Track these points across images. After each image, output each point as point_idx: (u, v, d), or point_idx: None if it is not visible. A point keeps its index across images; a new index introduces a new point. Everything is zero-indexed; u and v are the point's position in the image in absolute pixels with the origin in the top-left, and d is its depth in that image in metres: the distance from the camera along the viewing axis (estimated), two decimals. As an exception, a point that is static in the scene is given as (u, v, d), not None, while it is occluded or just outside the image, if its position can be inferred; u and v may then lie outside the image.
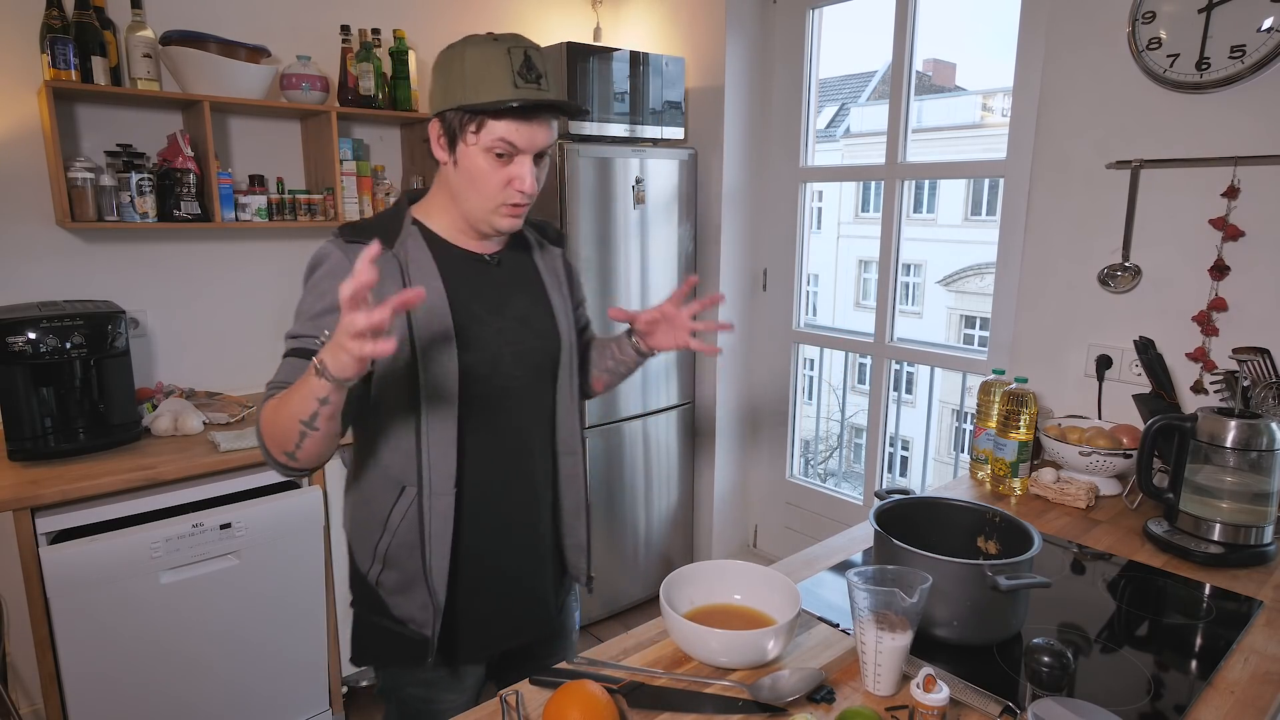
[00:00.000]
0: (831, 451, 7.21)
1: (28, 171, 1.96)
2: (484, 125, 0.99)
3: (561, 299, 1.18)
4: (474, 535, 1.09)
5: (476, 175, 1.01)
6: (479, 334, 1.06)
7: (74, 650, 1.63)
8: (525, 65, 0.98)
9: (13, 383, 1.69)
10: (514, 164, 1.01)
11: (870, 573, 0.93)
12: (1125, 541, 1.38)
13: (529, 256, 1.18)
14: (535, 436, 1.15)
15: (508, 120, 0.98)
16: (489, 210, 1.04)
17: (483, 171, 1.01)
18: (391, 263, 1.02)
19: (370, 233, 1.02)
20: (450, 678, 1.14)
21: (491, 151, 1.00)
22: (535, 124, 1.00)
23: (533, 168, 1.03)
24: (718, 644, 0.94)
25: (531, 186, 1.02)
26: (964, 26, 11.71)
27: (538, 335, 1.13)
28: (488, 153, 1.00)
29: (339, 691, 2.10)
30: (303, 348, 0.99)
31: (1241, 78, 1.58)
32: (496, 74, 0.97)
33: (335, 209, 2.27)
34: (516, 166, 1.01)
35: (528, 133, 1.00)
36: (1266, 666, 0.99)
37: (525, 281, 1.15)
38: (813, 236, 2.84)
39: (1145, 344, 1.66)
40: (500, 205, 1.03)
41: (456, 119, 1.00)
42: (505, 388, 1.09)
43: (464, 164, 1.02)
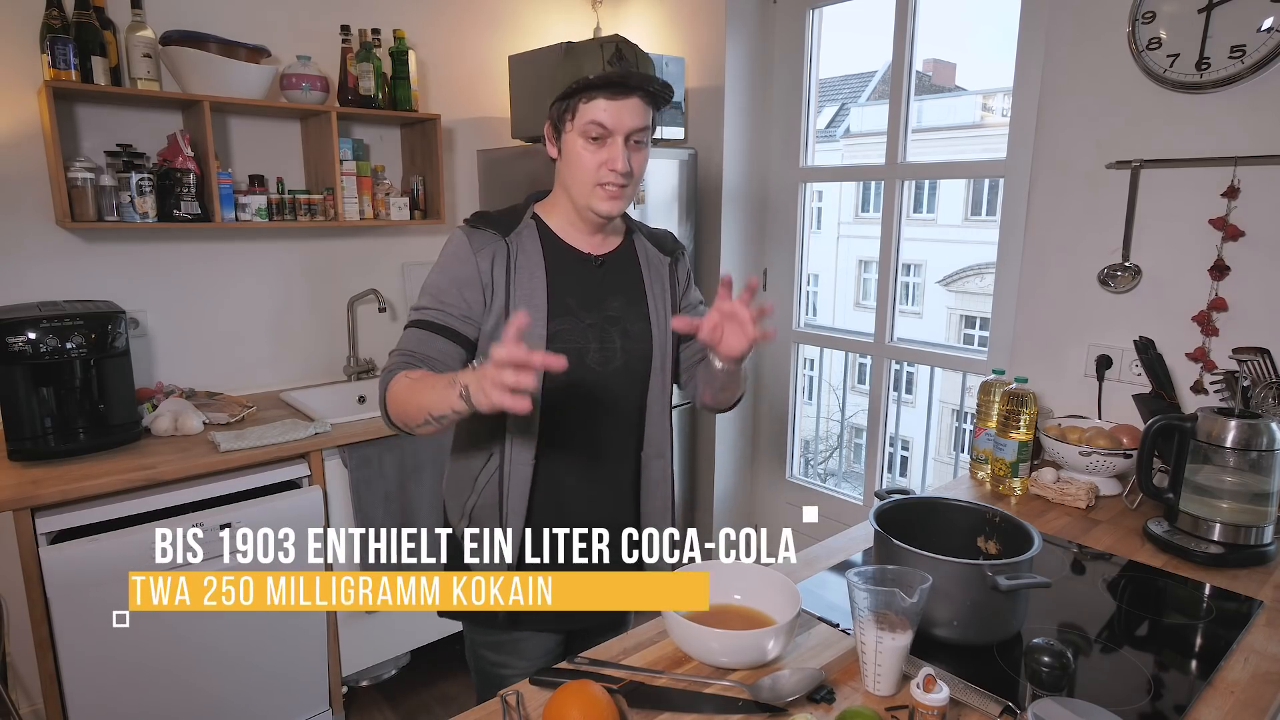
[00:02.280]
0: (831, 451, 7.21)
1: (28, 171, 1.96)
2: (575, 110, 1.07)
3: (662, 304, 1.22)
4: (548, 511, 1.17)
5: (574, 160, 1.10)
6: (569, 324, 1.14)
7: (74, 650, 1.63)
8: (616, 54, 1.06)
9: (13, 383, 1.68)
10: (607, 146, 1.08)
11: (870, 573, 0.93)
12: (1125, 541, 1.38)
13: (635, 260, 1.23)
14: (619, 432, 1.21)
15: (593, 100, 1.06)
16: (588, 193, 1.11)
17: (579, 155, 1.09)
18: (503, 248, 1.13)
19: (493, 222, 1.15)
20: (518, 644, 1.20)
21: (585, 135, 1.08)
22: (622, 104, 1.06)
23: (624, 150, 1.08)
24: (718, 644, 0.94)
25: (623, 165, 1.08)
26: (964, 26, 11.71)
27: (628, 336, 1.18)
28: (582, 137, 1.08)
29: (339, 691, 2.10)
30: (425, 320, 1.11)
31: (1241, 78, 1.57)
32: (589, 63, 1.05)
33: (335, 209, 2.27)
34: (608, 148, 1.08)
35: (615, 112, 1.06)
36: (1266, 666, 0.99)
37: (626, 284, 1.21)
38: (813, 236, 2.84)
39: (1145, 344, 1.66)
40: (596, 186, 1.10)
41: (556, 110, 1.10)
42: (589, 380, 1.15)
43: (565, 152, 1.11)
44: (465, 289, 1.11)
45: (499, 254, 1.13)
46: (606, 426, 1.19)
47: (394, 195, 2.44)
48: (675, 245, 1.30)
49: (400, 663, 2.32)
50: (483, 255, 1.12)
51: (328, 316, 2.52)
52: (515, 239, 1.15)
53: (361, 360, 2.56)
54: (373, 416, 2.10)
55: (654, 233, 1.30)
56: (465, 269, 1.12)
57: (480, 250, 1.12)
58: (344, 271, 2.52)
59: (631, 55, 1.07)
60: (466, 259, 1.12)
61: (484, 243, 1.13)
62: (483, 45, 2.72)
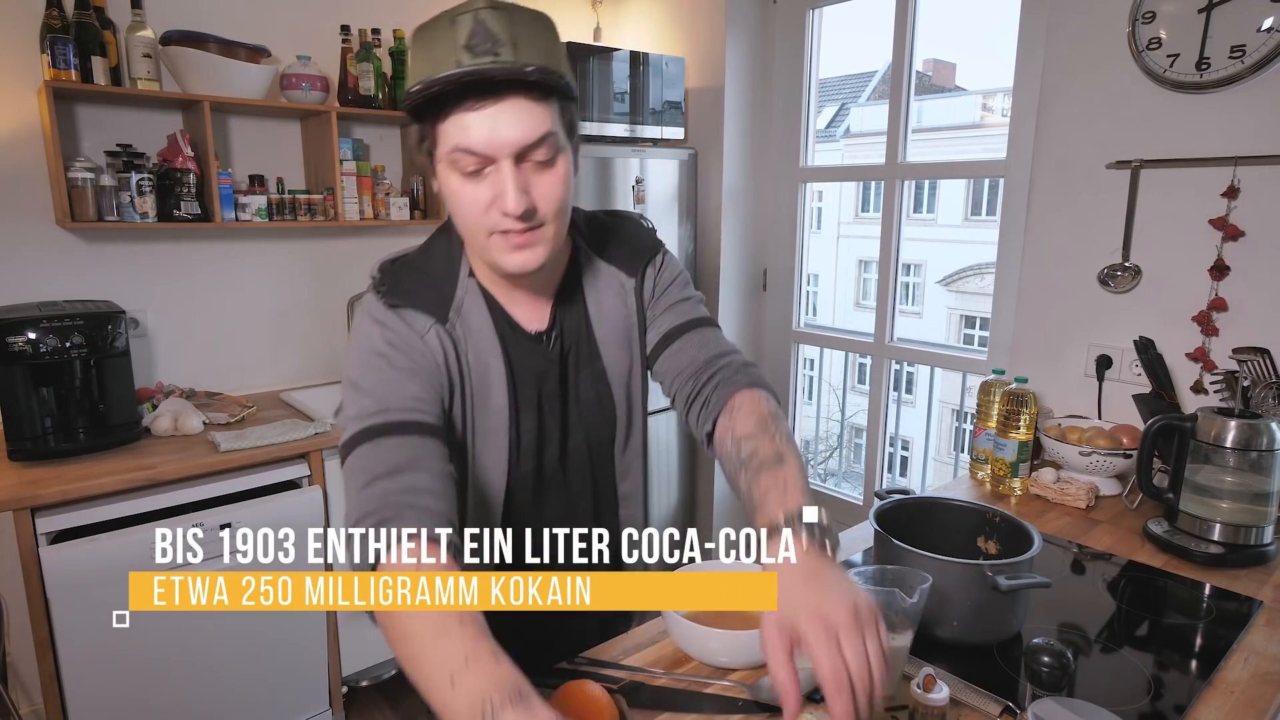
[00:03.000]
0: (831, 451, 7.21)
1: (28, 171, 1.96)
2: (436, 132, 0.75)
3: (627, 356, 0.96)
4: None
5: (451, 202, 0.78)
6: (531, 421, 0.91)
7: (74, 650, 1.63)
8: (472, 34, 0.69)
9: (13, 383, 1.68)
10: (487, 178, 0.75)
11: (870, 573, 0.93)
12: (1125, 541, 1.38)
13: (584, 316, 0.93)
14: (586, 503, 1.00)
15: (452, 116, 0.72)
16: (484, 246, 0.79)
17: (455, 195, 0.77)
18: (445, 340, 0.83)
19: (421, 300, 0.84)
20: None
21: (456, 168, 0.75)
22: (496, 112, 0.71)
23: (516, 178, 0.74)
24: (718, 644, 0.94)
25: (516, 204, 0.74)
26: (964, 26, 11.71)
27: (593, 424, 0.96)
28: (454, 170, 0.75)
29: (339, 691, 2.10)
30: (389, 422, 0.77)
31: (1241, 78, 1.57)
32: (435, 56, 0.70)
33: (335, 209, 2.27)
34: (491, 180, 0.74)
35: (487, 127, 0.71)
36: (1266, 666, 0.99)
37: (585, 356, 0.93)
38: (813, 236, 2.85)
39: (1145, 344, 1.66)
40: (490, 236, 0.77)
41: (413, 132, 0.78)
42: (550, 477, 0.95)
43: (444, 188, 0.78)
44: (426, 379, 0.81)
45: (446, 343, 0.83)
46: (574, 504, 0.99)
47: (394, 195, 2.44)
48: (642, 253, 0.96)
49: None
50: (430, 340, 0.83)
51: (328, 316, 2.51)
52: (457, 318, 0.84)
53: (361, 360, 2.56)
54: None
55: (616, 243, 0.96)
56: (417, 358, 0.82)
57: (425, 334, 0.83)
58: (344, 271, 2.52)
59: (503, 28, 0.70)
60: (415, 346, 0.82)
61: (423, 326, 0.83)
62: (483, 45, 2.72)
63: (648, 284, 0.97)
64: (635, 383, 0.98)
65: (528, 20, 0.72)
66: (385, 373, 0.79)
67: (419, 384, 0.80)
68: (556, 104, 0.76)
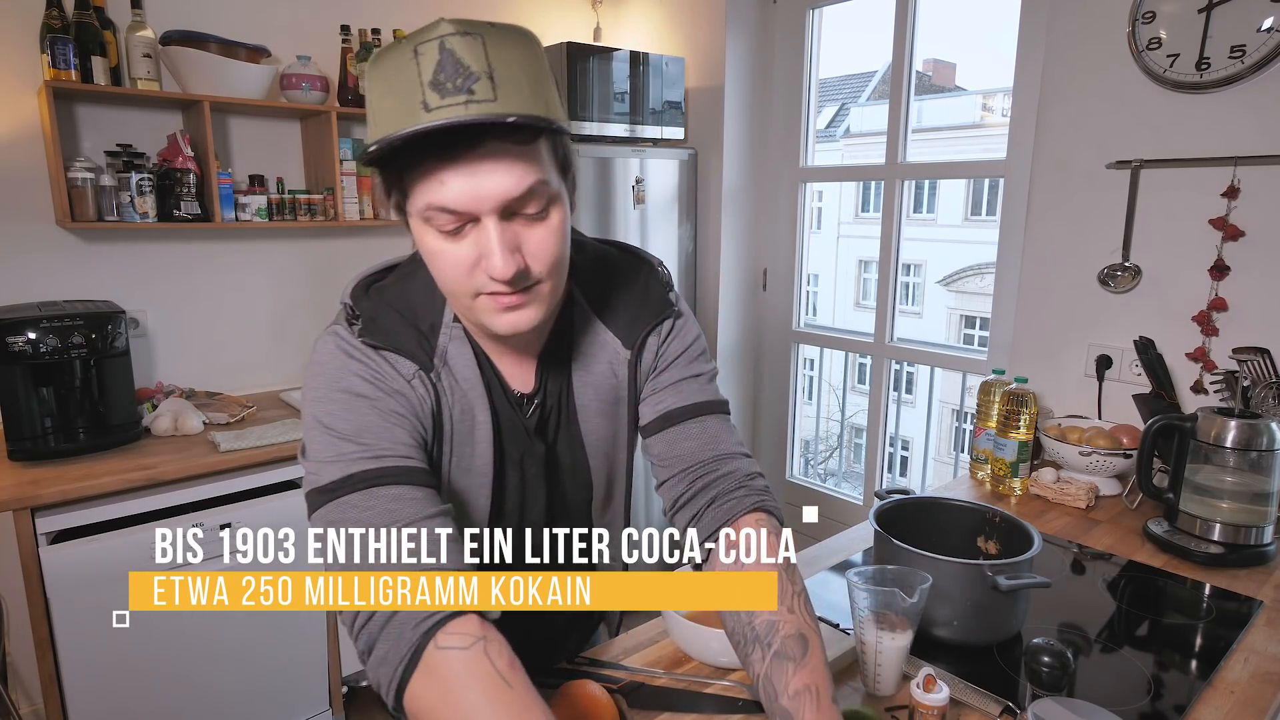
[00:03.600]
0: (831, 451, 7.21)
1: (28, 171, 1.96)
2: (407, 186, 0.64)
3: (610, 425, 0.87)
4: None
5: (432, 263, 0.69)
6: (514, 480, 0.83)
7: (74, 650, 1.63)
8: (440, 68, 0.58)
9: (13, 383, 1.68)
10: (470, 235, 0.65)
11: (870, 573, 0.93)
12: (1125, 541, 1.38)
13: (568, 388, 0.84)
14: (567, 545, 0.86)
15: (422, 168, 0.62)
16: (470, 309, 0.70)
17: (434, 255, 0.67)
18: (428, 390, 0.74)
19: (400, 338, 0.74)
20: None
21: (431, 224, 0.65)
22: (475, 162, 0.61)
23: (501, 238, 0.64)
24: (718, 644, 0.94)
25: (504, 268, 0.64)
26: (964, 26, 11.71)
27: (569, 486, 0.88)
28: (426, 226, 0.65)
29: (339, 691, 2.10)
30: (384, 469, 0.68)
31: (1241, 78, 1.57)
32: (399, 98, 0.59)
33: (335, 209, 2.27)
34: (475, 240, 0.65)
35: (463, 182, 0.61)
36: (1266, 666, 0.99)
37: (564, 420, 0.85)
38: (813, 236, 2.85)
39: (1145, 344, 1.66)
40: (476, 299, 0.68)
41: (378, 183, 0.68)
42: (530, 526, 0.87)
43: (418, 244, 0.69)
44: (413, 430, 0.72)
45: (426, 397, 0.74)
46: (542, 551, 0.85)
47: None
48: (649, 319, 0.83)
49: (400, 663, 2.32)
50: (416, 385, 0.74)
51: (328, 316, 2.48)
52: (442, 367, 0.75)
53: (361, 360, 2.56)
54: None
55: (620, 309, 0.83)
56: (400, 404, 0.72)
57: (411, 379, 0.74)
58: (344, 271, 2.49)
59: (476, 58, 0.58)
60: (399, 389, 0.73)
61: (408, 370, 0.74)
62: (483, 45, 2.72)
63: (647, 355, 0.85)
64: (620, 453, 0.89)
65: (505, 44, 0.60)
66: (369, 416, 0.69)
67: (407, 432, 0.71)
68: (546, 144, 0.65)
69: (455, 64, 0.58)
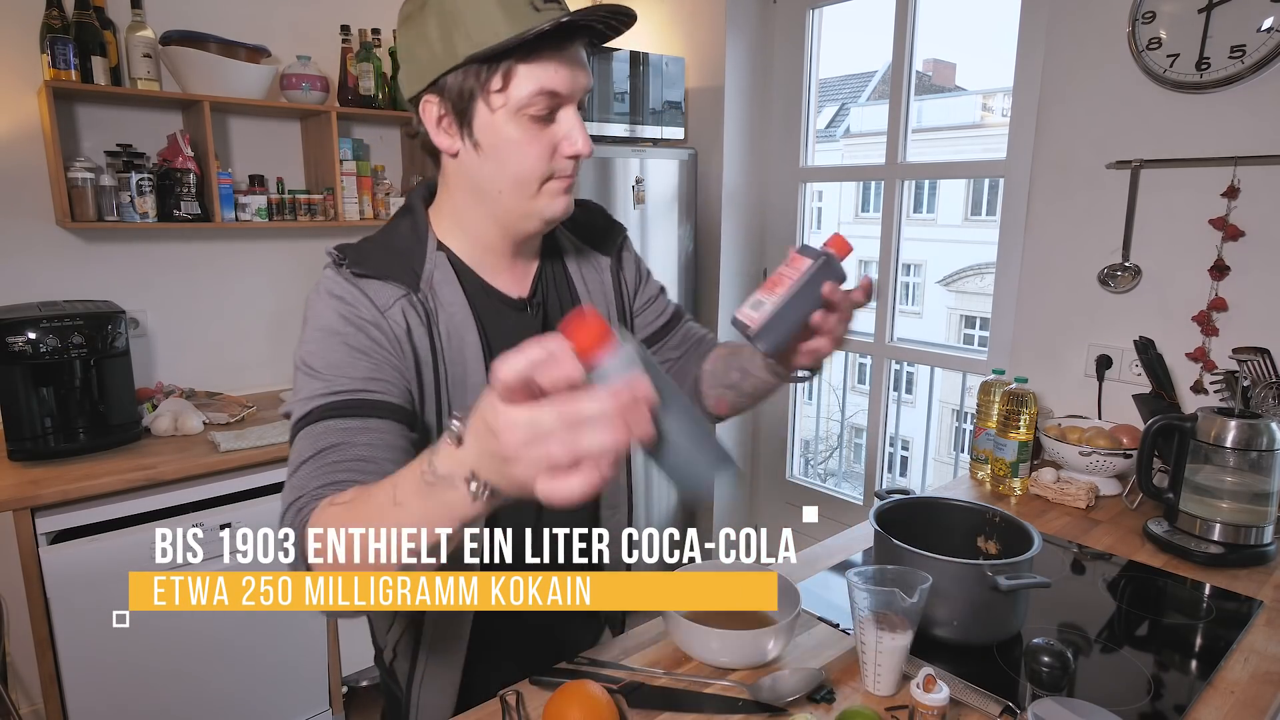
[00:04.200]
0: (831, 451, 7.21)
1: (28, 171, 1.96)
2: (512, 75, 0.73)
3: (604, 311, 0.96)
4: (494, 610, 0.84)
5: (509, 152, 0.76)
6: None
7: (74, 650, 1.63)
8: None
9: (13, 383, 1.68)
10: (560, 120, 0.77)
11: (870, 573, 0.93)
12: (1125, 541, 1.38)
13: (568, 282, 0.94)
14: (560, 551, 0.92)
15: (543, 60, 0.73)
16: (531, 197, 0.79)
17: (517, 144, 0.76)
18: (415, 308, 0.79)
19: (387, 266, 0.79)
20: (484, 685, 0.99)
21: (526, 112, 0.75)
22: (574, 55, 0.76)
23: (580, 119, 0.78)
24: (718, 644, 0.94)
25: (587, 144, 0.77)
26: (964, 26, 11.71)
27: None
28: (520, 115, 0.75)
29: (339, 691, 2.10)
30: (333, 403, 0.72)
31: (1241, 78, 1.57)
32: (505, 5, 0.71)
33: (335, 209, 2.27)
34: (564, 122, 0.77)
35: (569, 72, 0.75)
36: (1266, 666, 0.99)
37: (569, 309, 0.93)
38: (813, 236, 2.84)
39: (1145, 344, 1.66)
40: (551, 181, 0.79)
41: (469, 80, 0.74)
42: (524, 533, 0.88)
43: (488, 140, 0.77)
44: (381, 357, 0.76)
45: (412, 316, 0.79)
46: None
47: (394, 195, 2.44)
48: (612, 232, 0.99)
49: (400, 663, 2.32)
50: (393, 314, 0.78)
51: (328, 316, 2.51)
52: (428, 289, 0.81)
53: (361, 360, 2.56)
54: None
55: (582, 223, 0.97)
56: (374, 333, 0.76)
57: (389, 309, 0.78)
58: (344, 271, 2.52)
59: None
60: (373, 319, 0.76)
61: (387, 298, 0.78)
62: (483, 45, 2.72)
63: (627, 269, 1.00)
64: None
65: None
66: (339, 352, 0.74)
67: (376, 364, 0.75)
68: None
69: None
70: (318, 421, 0.71)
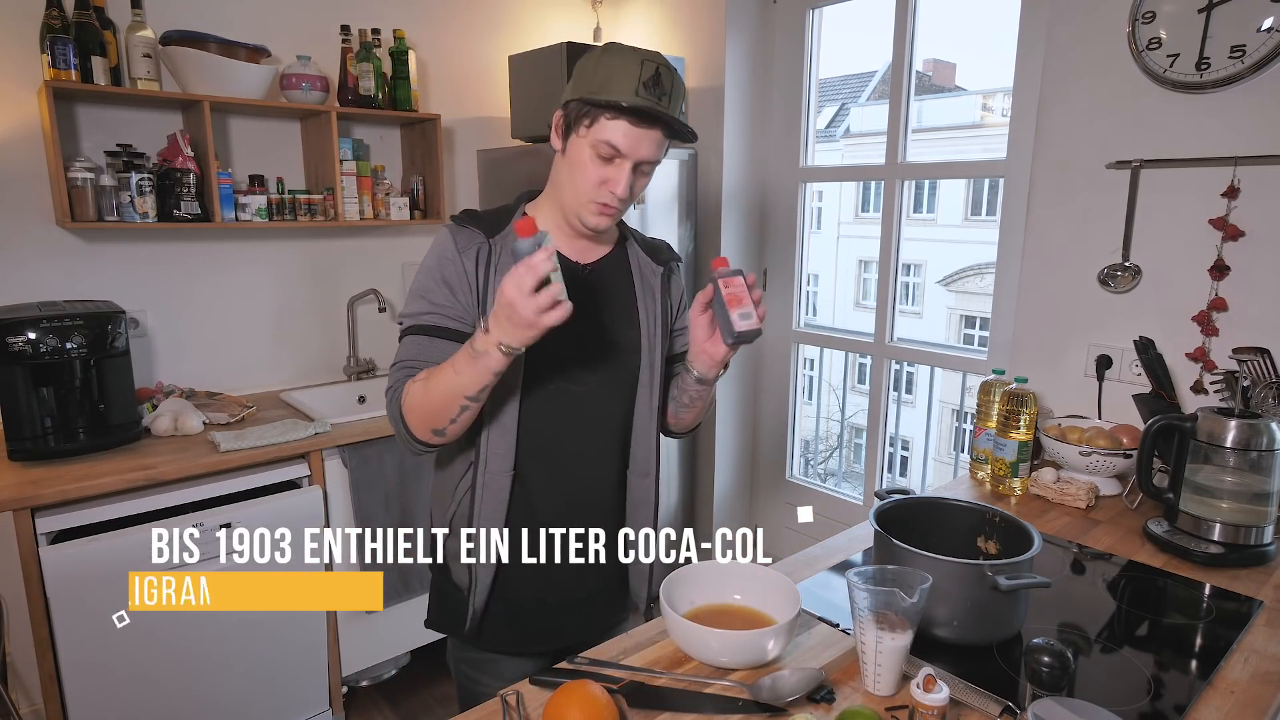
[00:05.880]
0: (831, 451, 7.21)
1: (28, 171, 1.96)
2: (596, 122, 1.02)
3: (653, 316, 1.17)
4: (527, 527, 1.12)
5: (577, 167, 1.05)
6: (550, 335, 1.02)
7: (74, 650, 1.63)
8: (653, 79, 1.00)
9: (13, 383, 1.68)
10: (613, 166, 1.03)
11: (870, 573, 0.93)
12: (1125, 541, 1.38)
13: (626, 268, 1.19)
14: (601, 449, 1.16)
15: (619, 122, 1.01)
16: (580, 204, 1.07)
17: (583, 165, 1.04)
18: (486, 249, 1.08)
19: (479, 221, 1.11)
20: (494, 664, 1.16)
21: (596, 149, 1.02)
22: (644, 134, 1.02)
23: (630, 175, 1.04)
24: (718, 644, 0.94)
25: (623, 191, 1.04)
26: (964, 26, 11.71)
27: (614, 347, 1.14)
28: (592, 149, 1.03)
29: (339, 691, 2.10)
30: (422, 324, 1.06)
31: (1241, 78, 1.57)
32: (623, 79, 1.00)
33: (335, 209, 2.27)
34: (615, 169, 1.03)
35: (634, 140, 1.02)
36: (1266, 666, 0.99)
37: (616, 293, 1.16)
38: (813, 236, 2.85)
39: (1145, 344, 1.66)
40: (591, 202, 1.06)
41: (575, 110, 1.03)
42: (571, 390, 1.11)
43: (570, 154, 1.06)
44: (456, 290, 1.07)
45: (482, 254, 1.08)
46: (588, 443, 1.15)
47: (394, 195, 2.44)
48: (670, 255, 1.25)
49: (400, 663, 2.32)
50: (467, 255, 1.08)
51: (328, 316, 2.51)
52: (499, 240, 1.10)
53: (361, 360, 2.56)
54: (373, 416, 2.10)
55: (649, 241, 1.25)
56: (451, 269, 1.08)
57: (465, 250, 1.08)
58: (344, 271, 2.52)
59: (668, 83, 1.02)
60: (452, 258, 1.08)
61: (468, 242, 1.08)
62: (483, 45, 2.72)
63: (674, 289, 1.23)
64: (660, 346, 1.17)
65: (678, 82, 1.04)
66: (429, 282, 1.08)
67: (449, 294, 1.07)
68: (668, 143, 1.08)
69: (658, 80, 1.01)
70: (414, 334, 1.07)
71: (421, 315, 1.07)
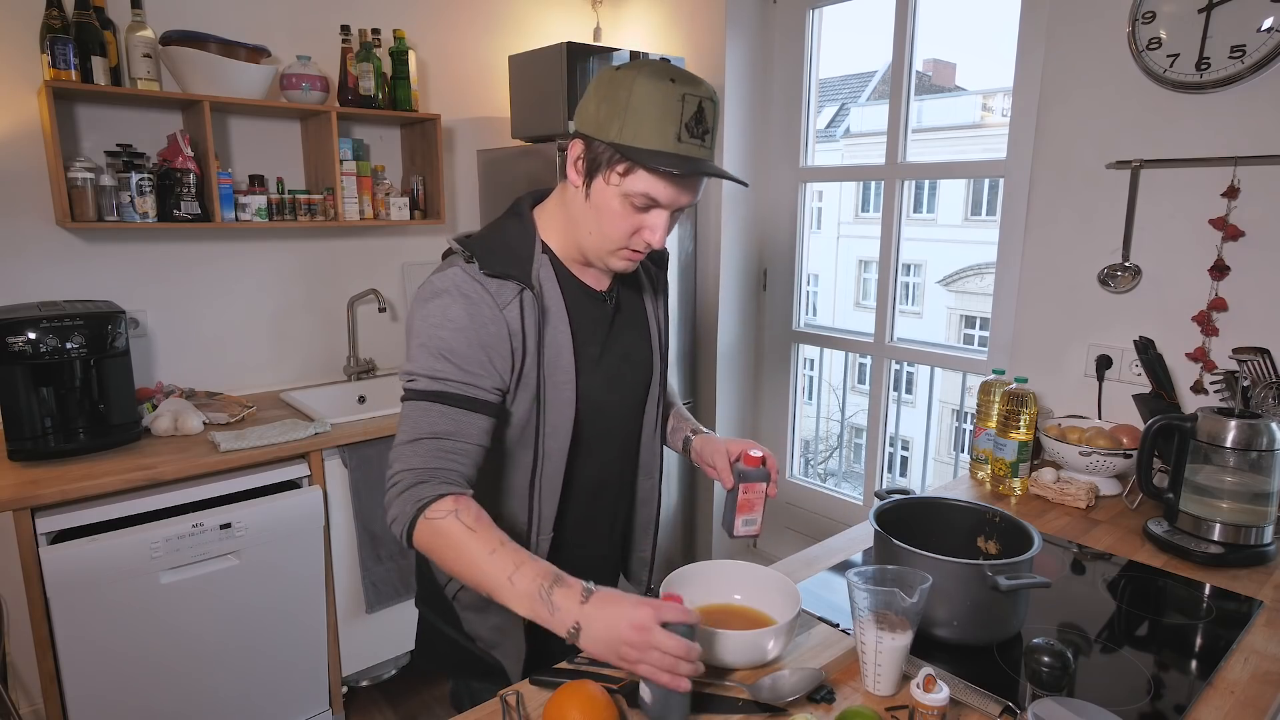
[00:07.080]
0: (831, 451, 7.21)
1: (28, 171, 1.96)
2: (632, 173, 0.90)
3: (660, 323, 1.17)
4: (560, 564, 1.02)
5: (606, 215, 0.94)
6: (589, 379, 1.02)
7: (74, 650, 1.63)
8: (695, 118, 0.89)
9: (13, 383, 1.68)
10: (650, 214, 0.94)
11: (870, 573, 0.93)
12: (1125, 541, 1.38)
13: (638, 285, 1.15)
14: (617, 460, 1.15)
15: (658, 176, 0.90)
16: (606, 251, 0.98)
17: (614, 213, 0.94)
18: (530, 301, 0.96)
19: (510, 267, 0.96)
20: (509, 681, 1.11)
21: (630, 200, 0.92)
22: (688, 183, 0.93)
23: (667, 221, 0.95)
24: (718, 644, 0.94)
25: (661, 241, 0.96)
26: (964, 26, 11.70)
27: (634, 368, 1.12)
28: (625, 198, 0.92)
29: (339, 691, 2.10)
30: (452, 393, 0.91)
31: (1241, 78, 1.57)
32: (662, 121, 0.87)
33: (335, 209, 2.27)
34: (652, 218, 0.94)
35: (675, 192, 0.92)
36: (1266, 666, 0.99)
37: (634, 312, 1.13)
38: (813, 236, 2.84)
39: (1145, 344, 1.66)
40: (621, 249, 0.97)
41: (605, 153, 0.91)
42: (600, 425, 1.08)
43: (597, 199, 0.94)
44: (495, 355, 0.94)
45: (527, 308, 0.96)
46: (608, 458, 1.13)
47: (394, 195, 2.44)
48: (664, 254, 1.24)
49: (400, 663, 2.32)
50: (510, 311, 0.95)
51: (328, 316, 2.52)
52: (538, 284, 0.99)
53: (361, 360, 2.56)
54: (373, 416, 2.10)
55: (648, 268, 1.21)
56: (492, 330, 0.94)
57: (507, 306, 0.95)
58: (344, 271, 2.52)
59: (710, 119, 0.91)
60: (492, 318, 0.94)
61: (508, 296, 0.96)
62: (483, 45, 2.72)
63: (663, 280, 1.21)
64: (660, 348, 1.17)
65: (719, 115, 0.98)
66: (457, 342, 0.93)
67: (486, 360, 0.94)
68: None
69: (702, 119, 0.89)
70: (441, 402, 0.92)
71: (449, 381, 0.92)
